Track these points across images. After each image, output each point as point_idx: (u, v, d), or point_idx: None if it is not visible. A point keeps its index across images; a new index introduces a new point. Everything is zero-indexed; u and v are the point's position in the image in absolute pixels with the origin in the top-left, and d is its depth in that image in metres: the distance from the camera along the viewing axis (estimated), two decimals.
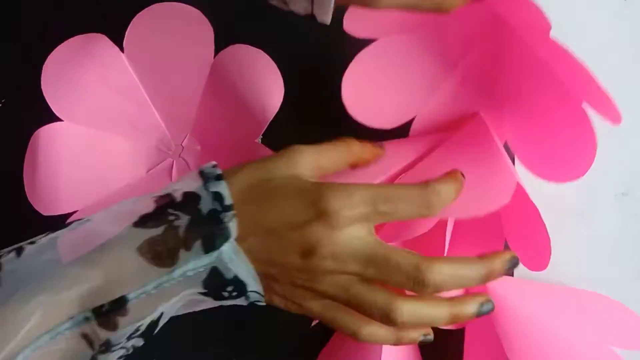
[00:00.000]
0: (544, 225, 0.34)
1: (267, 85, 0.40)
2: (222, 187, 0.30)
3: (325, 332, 0.46)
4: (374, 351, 0.39)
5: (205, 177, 0.31)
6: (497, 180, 0.34)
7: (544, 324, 0.38)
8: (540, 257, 0.36)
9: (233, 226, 0.29)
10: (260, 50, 0.40)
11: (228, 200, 0.30)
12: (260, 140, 0.43)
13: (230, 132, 0.42)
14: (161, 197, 0.31)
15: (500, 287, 0.39)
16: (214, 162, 0.32)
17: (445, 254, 0.35)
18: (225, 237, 0.29)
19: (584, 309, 0.41)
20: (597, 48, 0.45)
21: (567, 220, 0.45)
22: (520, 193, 0.34)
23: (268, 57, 0.40)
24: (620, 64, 0.45)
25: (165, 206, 0.30)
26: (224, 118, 0.42)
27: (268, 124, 0.40)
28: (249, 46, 0.40)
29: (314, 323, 0.45)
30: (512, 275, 0.41)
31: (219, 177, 0.31)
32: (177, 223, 0.29)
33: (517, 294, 0.40)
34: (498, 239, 0.39)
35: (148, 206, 0.30)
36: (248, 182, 0.31)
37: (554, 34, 0.31)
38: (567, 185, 0.35)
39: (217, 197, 0.30)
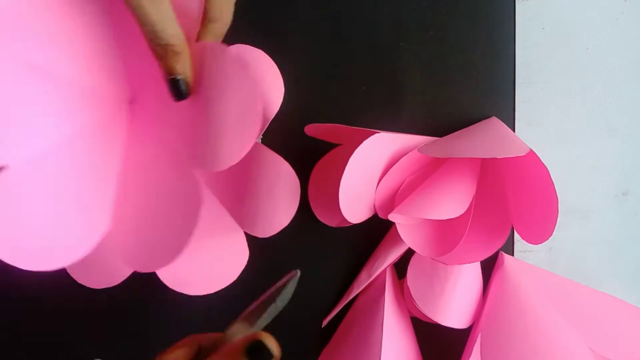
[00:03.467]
0: (553, 185, 0.35)
1: (267, 85, 0.40)
2: None
3: (326, 332, 0.46)
4: (374, 352, 0.39)
5: None
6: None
7: (540, 315, 0.39)
8: (546, 220, 0.36)
9: None
10: (260, 50, 0.40)
11: None
12: (260, 140, 0.43)
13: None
14: None
15: (511, 268, 0.39)
16: None
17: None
18: None
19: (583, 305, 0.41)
20: (597, 48, 0.45)
21: (567, 220, 0.45)
22: (531, 159, 0.35)
23: (268, 57, 0.40)
24: (620, 64, 0.45)
25: None
26: None
27: (268, 124, 0.40)
28: (249, 46, 0.40)
29: (325, 322, 0.45)
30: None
31: None
32: None
33: (527, 278, 0.40)
34: (505, 223, 0.40)
35: None
36: None
37: (554, 33, 0.31)
38: (567, 185, 0.35)
39: None
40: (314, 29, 0.44)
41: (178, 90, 0.30)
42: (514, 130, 0.44)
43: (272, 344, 0.28)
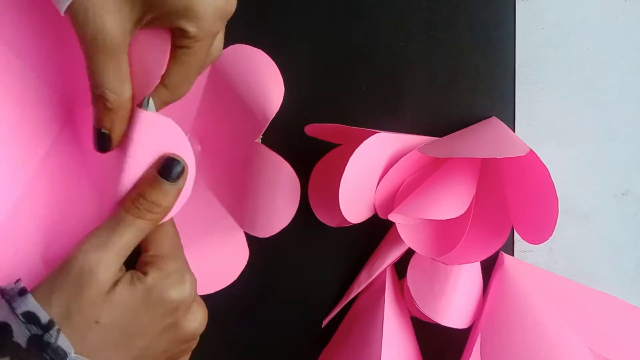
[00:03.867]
0: (553, 185, 0.35)
1: (267, 85, 0.40)
2: (32, 304, 0.25)
3: (326, 332, 0.46)
4: (374, 352, 0.39)
5: (8, 297, 0.26)
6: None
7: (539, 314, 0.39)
8: (546, 220, 0.36)
9: (64, 341, 0.25)
10: (260, 50, 0.40)
11: (44, 317, 0.25)
12: (260, 140, 0.43)
13: (230, 132, 0.42)
14: None
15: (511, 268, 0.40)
16: (19, 285, 0.27)
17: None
18: (62, 358, 0.25)
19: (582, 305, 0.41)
20: (598, 48, 0.45)
21: (567, 220, 0.45)
22: (531, 159, 0.35)
23: (268, 57, 0.40)
24: (620, 64, 0.45)
25: None
26: (224, 118, 0.42)
27: (268, 124, 0.40)
28: (249, 46, 0.40)
29: (325, 322, 0.45)
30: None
31: (22, 292, 0.26)
32: None
33: (528, 279, 0.41)
34: (505, 223, 0.40)
35: None
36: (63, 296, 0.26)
37: (554, 33, 0.31)
38: (568, 185, 0.35)
39: (30, 318, 0.25)
40: (314, 29, 0.44)
41: (100, 142, 0.29)
42: (514, 130, 0.44)
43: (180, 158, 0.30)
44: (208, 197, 0.42)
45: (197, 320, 0.32)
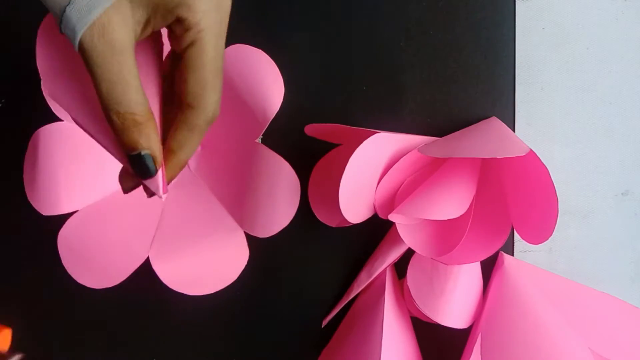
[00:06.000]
0: (553, 185, 0.35)
1: (267, 85, 0.40)
2: None
3: (326, 332, 0.46)
4: (374, 352, 0.39)
5: None
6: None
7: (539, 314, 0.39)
8: (546, 220, 0.36)
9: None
10: (260, 50, 0.40)
11: None
12: (260, 140, 0.43)
13: (231, 132, 0.42)
14: None
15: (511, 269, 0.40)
16: None
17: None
18: None
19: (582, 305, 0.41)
20: (598, 48, 0.45)
21: (567, 220, 0.45)
22: (531, 159, 0.35)
23: (268, 57, 0.40)
24: (620, 64, 0.45)
25: None
26: (224, 118, 0.42)
27: (268, 124, 0.40)
28: (249, 46, 0.40)
29: (325, 322, 0.45)
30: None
31: None
32: None
33: (527, 279, 0.41)
34: (505, 223, 0.40)
35: None
36: None
37: (554, 33, 0.31)
38: (568, 185, 0.35)
39: None
40: (313, 28, 0.44)
41: (144, 168, 0.26)
42: (514, 130, 0.44)
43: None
44: (208, 197, 0.42)
45: None
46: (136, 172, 0.26)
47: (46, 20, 0.27)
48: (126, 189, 0.28)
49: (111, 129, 0.25)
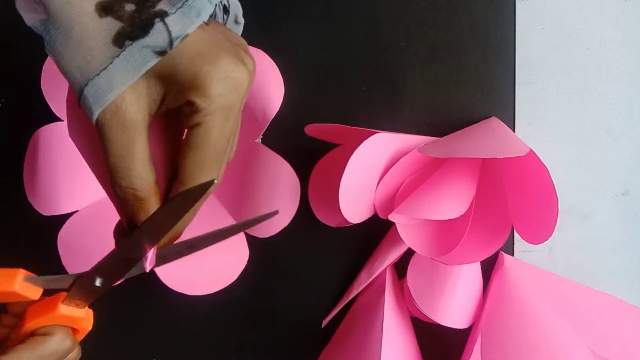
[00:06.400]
0: (553, 185, 0.35)
1: (267, 85, 0.40)
2: None
3: (326, 332, 0.46)
4: (374, 352, 0.39)
5: None
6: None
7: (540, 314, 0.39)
8: (546, 220, 0.36)
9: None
10: (260, 50, 0.40)
11: None
12: (260, 140, 0.43)
13: None
14: None
15: (512, 269, 0.39)
16: None
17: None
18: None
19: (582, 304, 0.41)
20: (598, 48, 0.45)
21: (567, 220, 0.45)
22: (531, 159, 0.35)
23: (268, 57, 0.40)
24: (620, 64, 0.45)
25: None
26: None
27: (268, 124, 0.40)
28: (249, 46, 0.40)
29: (325, 322, 0.45)
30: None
31: None
32: None
33: (528, 279, 0.41)
34: (505, 223, 0.40)
35: None
36: None
37: (554, 33, 0.31)
38: (568, 185, 0.35)
39: None
40: (314, 28, 0.44)
41: (129, 228, 0.27)
42: (514, 130, 0.44)
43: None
44: (208, 197, 0.42)
45: None
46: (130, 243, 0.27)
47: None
48: (119, 247, 0.28)
49: (114, 199, 0.26)
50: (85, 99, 0.24)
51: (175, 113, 0.26)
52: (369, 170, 0.39)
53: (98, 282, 0.28)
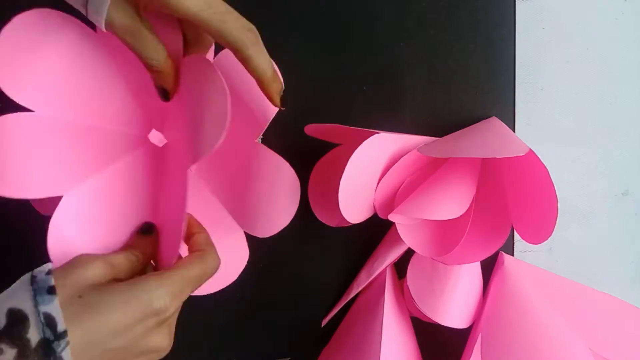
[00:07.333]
0: (553, 185, 0.35)
1: None
2: (55, 308, 0.27)
3: (326, 332, 0.46)
4: (374, 352, 0.39)
5: (36, 287, 0.27)
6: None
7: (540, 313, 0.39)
8: (546, 220, 0.36)
9: (67, 356, 0.26)
10: None
11: (61, 326, 0.26)
12: (260, 140, 0.43)
13: (230, 132, 0.42)
14: None
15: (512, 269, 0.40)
16: (49, 266, 0.29)
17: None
18: None
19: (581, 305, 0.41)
20: (598, 47, 0.45)
21: (567, 220, 0.45)
22: (531, 159, 0.35)
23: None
24: (620, 64, 0.45)
25: None
26: None
27: (268, 124, 0.40)
28: None
29: (324, 322, 0.45)
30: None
31: (51, 291, 0.27)
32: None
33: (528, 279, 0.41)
34: (505, 223, 0.40)
35: None
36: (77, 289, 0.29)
37: (554, 33, 0.31)
38: (568, 185, 0.35)
39: (49, 321, 0.26)
40: (314, 28, 0.44)
41: (161, 95, 0.36)
42: (514, 130, 0.44)
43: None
44: (208, 197, 0.42)
45: (164, 340, 0.32)
46: (159, 95, 0.36)
47: None
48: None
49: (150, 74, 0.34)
50: (91, 13, 0.31)
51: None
52: (368, 170, 0.39)
53: None
